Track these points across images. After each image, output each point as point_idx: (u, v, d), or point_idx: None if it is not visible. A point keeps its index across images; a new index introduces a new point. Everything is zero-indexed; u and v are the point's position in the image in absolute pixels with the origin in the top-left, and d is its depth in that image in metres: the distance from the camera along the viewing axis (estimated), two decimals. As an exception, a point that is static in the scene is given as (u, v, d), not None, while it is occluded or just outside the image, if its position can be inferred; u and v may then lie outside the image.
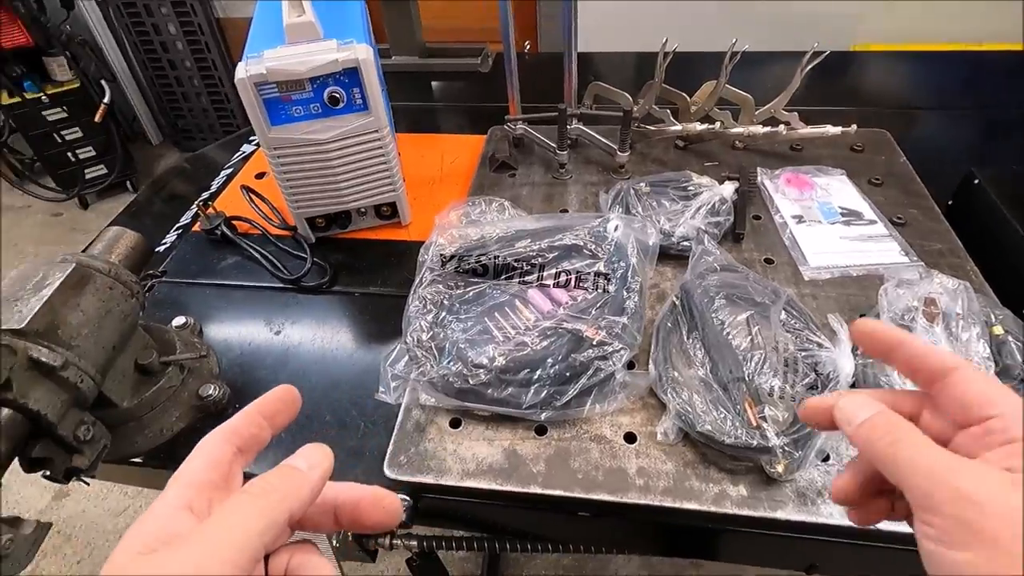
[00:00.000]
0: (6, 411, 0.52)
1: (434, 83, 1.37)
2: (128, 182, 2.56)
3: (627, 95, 0.94)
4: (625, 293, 0.65)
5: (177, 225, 1.01)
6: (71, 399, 0.56)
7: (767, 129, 0.91)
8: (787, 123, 0.91)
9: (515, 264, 0.70)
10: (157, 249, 0.96)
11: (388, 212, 0.91)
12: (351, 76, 0.75)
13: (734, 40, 0.85)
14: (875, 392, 0.28)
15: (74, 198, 2.43)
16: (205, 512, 0.24)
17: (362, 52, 0.73)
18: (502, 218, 0.82)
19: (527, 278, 0.69)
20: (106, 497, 1.63)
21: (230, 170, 1.13)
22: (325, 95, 0.75)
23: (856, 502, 0.28)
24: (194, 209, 1.04)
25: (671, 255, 0.78)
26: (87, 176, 2.39)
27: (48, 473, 0.56)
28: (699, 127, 0.90)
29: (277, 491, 0.24)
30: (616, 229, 0.73)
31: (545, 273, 0.69)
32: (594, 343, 0.62)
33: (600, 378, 0.60)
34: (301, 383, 0.50)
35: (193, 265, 0.90)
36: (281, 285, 0.85)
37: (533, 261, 0.70)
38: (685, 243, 0.77)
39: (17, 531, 0.51)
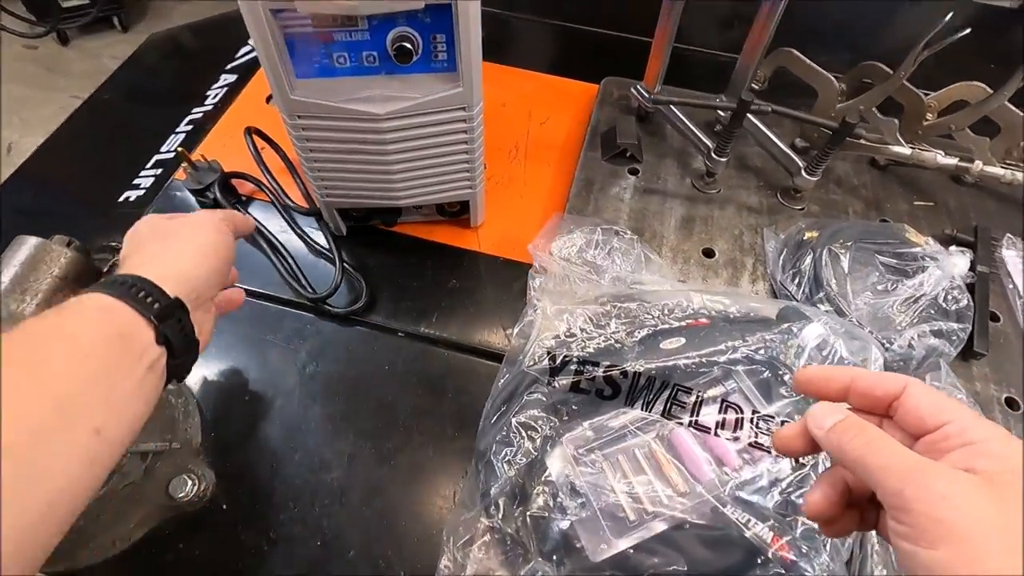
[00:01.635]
0: None
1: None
2: (116, 18, 2.13)
3: (833, 80, 0.61)
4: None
5: (153, 161, 0.72)
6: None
7: (1034, 176, 0.60)
8: (1068, 170, 0.61)
9: (660, 384, 0.45)
10: (128, 196, 0.69)
11: (454, 209, 0.63)
12: (437, 17, 0.44)
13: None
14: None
15: (51, 32, 2.02)
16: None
17: (465, -21, 0.41)
18: (627, 262, 0.55)
19: (676, 410, 0.45)
20: None
21: (233, 77, 0.81)
22: (389, 41, 0.44)
23: (830, 516, 0.28)
24: (179, 137, 0.74)
25: (874, 373, 0.52)
26: (63, 6, 1.96)
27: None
28: (940, 159, 0.59)
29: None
30: (821, 342, 0.47)
31: (704, 408, 0.45)
32: (779, 563, 0.39)
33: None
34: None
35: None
36: (294, 298, 0.59)
37: (688, 384, 0.45)
38: (902, 362, 0.52)
39: None
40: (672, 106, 0.66)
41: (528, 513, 0.41)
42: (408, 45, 0.44)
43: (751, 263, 0.60)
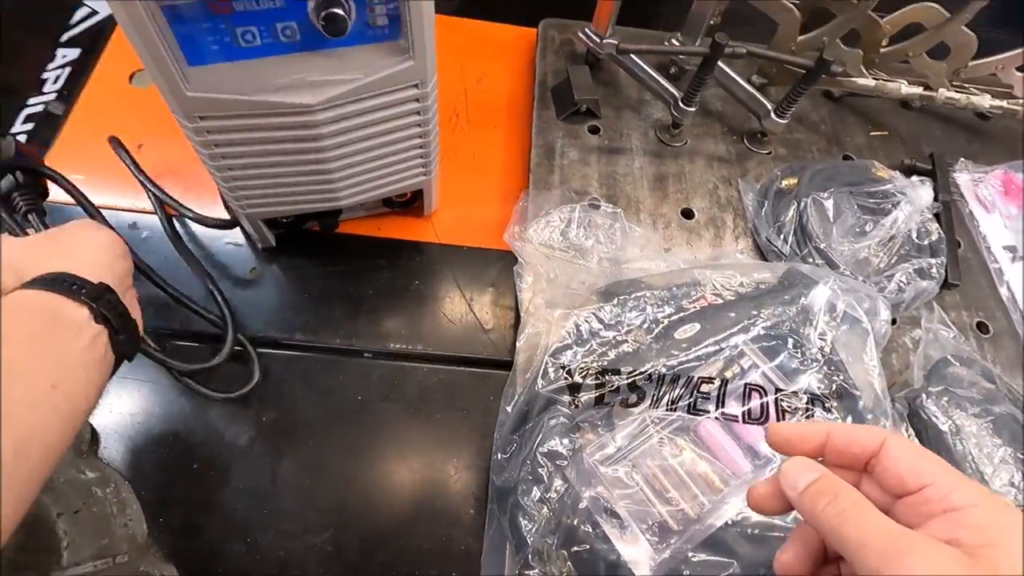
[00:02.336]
0: None
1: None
2: None
3: (794, 9, 0.57)
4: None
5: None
6: None
7: (987, 98, 0.60)
8: (1009, 90, 0.61)
9: (684, 381, 0.41)
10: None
11: (405, 198, 0.54)
12: (376, -29, 0.33)
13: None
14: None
15: None
16: None
17: (410, -83, 0.31)
18: (610, 239, 0.50)
19: (701, 402, 0.41)
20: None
21: (74, 53, 0.63)
22: (313, 6, 0.34)
23: (801, 575, 0.26)
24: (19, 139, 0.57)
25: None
26: None
27: None
28: (905, 89, 0.58)
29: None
30: (829, 304, 0.45)
31: (729, 396, 0.41)
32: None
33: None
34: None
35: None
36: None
37: (708, 372, 0.41)
38: (894, 306, 0.51)
39: None
40: (634, 55, 0.59)
41: (572, 550, 0.36)
42: (338, 11, 0.34)
43: (731, 219, 0.57)
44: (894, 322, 0.53)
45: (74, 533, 0.37)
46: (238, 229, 0.52)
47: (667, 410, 0.40)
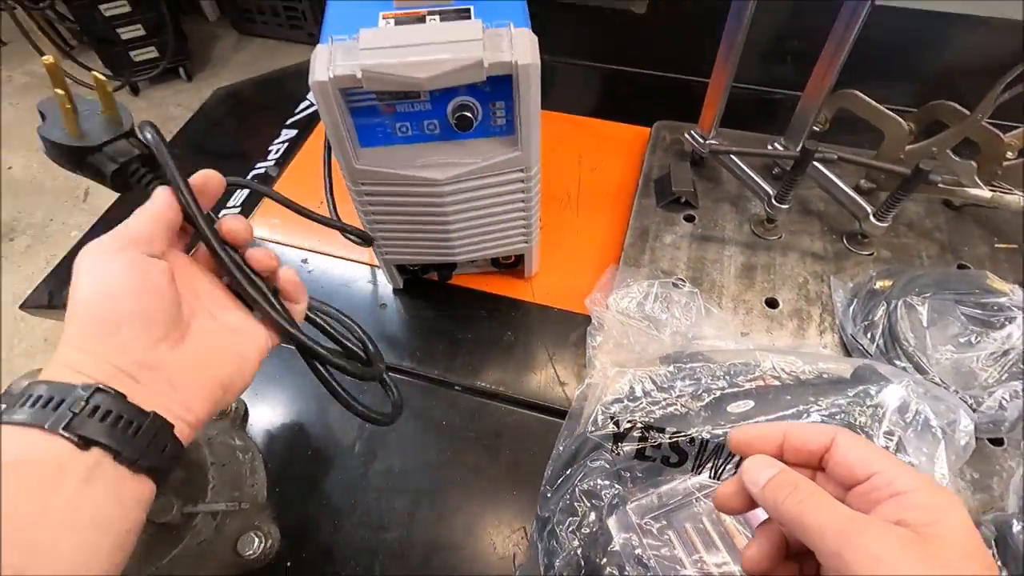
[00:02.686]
0: None
1: (564, 22, 1.00)
2: (181, 68, 2.27)
3: (901, 121, 0.59)
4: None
5: (220, 213, 0.76)
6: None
7: None
8: None
9: (729, 451, 0.43)
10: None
11: (509, 260, 0.63)
12: (498, 87, 0.44)
13: None
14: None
15: (124, 86, 2.18)
16: None
17: (524, 51, 0.42)
18: (686, 315, 0.54)
19: (747, 478, 0.43)
20: None
21: (293, 132, 0.85)
22: (450, 110, 0.45)
23: (767, 570, 0.27)
24: (244, 194, 0.78)
25: (961, 436, 0.49)
26: (135, 59, 2.11)
27: None
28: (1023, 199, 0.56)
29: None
30: (902, 405, 0.44)
31: (779, 477, 0.42)
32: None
33: None
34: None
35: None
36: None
37: (760, 449, 0.43)
38: (992, 424, 0.48)
39: None
40: (733, 154, 0.65)
41: (593, 589, 0.39)
42: (468, 114, 0.45)
43: (818, 314, 0.58)
44: (999, 443, 0.49)
45: (217, 480, 0.49)
46: (372, 271, 0.65)
47: (710, 477, 0.42)
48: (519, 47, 0.42)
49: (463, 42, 0.41)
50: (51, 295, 0.71)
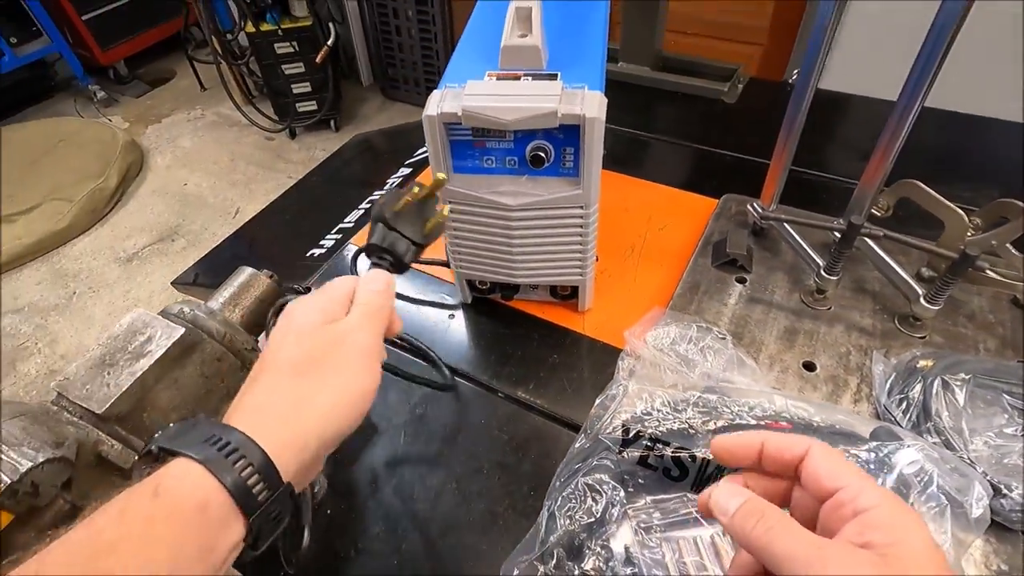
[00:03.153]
0: (63, 508, 0.42)
1: (662, 106, 1.11)
2: (332, 121, 2.67)
3: (962, 214, 0.61)
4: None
5: (336, 229, 0.91)
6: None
7: None
8: None
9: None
10: (312, 252, 0.87)
11: (566, 292, 0.71)
12: (569, 134, 0.54)
13: None
14: (749, 476, 0.30)
15: (285, 129, 2.60)
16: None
17: (592, 107, 0.51)
18: (719, 360, 0.58)
19: (744, 505, 0.45)
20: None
21: (408, 170, 1.00)
22: (528, 150, 0.56)
23: None
24: (359, 212, 0.93)
25: (993, 522, 0.48)
26: (299, 110, 2.52)
27: None
28: (1088, 303, 0.55)
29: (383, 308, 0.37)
30: (911, 466, 0.45)
31: (776, 510, 0.44)
32: None
33: None
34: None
35: (337, 290, 0.78)
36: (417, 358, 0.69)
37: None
38: (1022, 514, 0.47)
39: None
40: (786, 224, 0.70)
41: (580, 569, 0.43)
42: (542, 154, 0.55)
43: (855, 383, 0.59)
44: (1033, 538, 0.47)
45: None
46: (443, 292, 0.75)
47: (708, 497, 0.45)
48: (588, 104, 0.52)
49: (545, 95, 0.52)
50: (196, 276, 0.89)
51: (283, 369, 0.32)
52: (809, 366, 0.61)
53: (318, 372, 0.32)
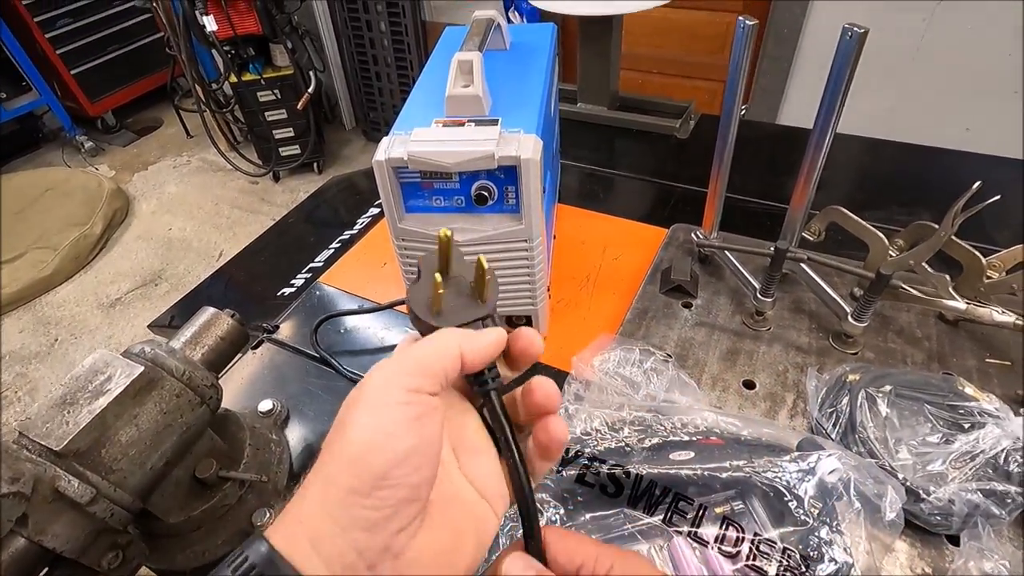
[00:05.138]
0: (19, 543, 0.44)
1: (619, 142, 1.17)
2: (315, 164, 2.74)
3: (882, 236, 0.65)
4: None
5: (306, 268, 0.94)
6: (98, 529, 0.48)
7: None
8: None
9: (662, 490, 0.48)
10: (283, 292, 0.91)
11: (520, 322, 0.74)
12: (508, 174, 0.58)
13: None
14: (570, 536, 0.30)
15: (269, 173, 2.66)
16: None
17: (527, 149, 0.56)
18: (661, 382, 0.61)
19: (676, 518, 0.47)
20: None
21: (377, 210, 1.04)
22: (473, 189, 0.60)
23: None
24: (329, 252, 0.97)
25: (912, 525, 0.50)
26: (282, 154, 2.59)
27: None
28: (996, 316, 0.59)
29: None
30: (832, 474, 0.48)
31: (706, 522, 0.47)
32: None
33: None
34: None
35: (305, 328, 0.81)
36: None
37: (688, 494, 0.48)
38: (940, 517, 0.49)
39: None
40: (725, 250, 0.74)
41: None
42: (486, 193, 0.59)
43: (792, 399, 0.62)
44: (956, 541, 0.50)
45: (250, 459, 0.61)
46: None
47: (643, 511, 0.48)
48: (524, 146, 0.56)
49: (483, 140, 0.56)
50: (172, 318, 0.91)
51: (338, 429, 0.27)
52: (749, 384, 0.64)
53: (338, 432, 0.27)
